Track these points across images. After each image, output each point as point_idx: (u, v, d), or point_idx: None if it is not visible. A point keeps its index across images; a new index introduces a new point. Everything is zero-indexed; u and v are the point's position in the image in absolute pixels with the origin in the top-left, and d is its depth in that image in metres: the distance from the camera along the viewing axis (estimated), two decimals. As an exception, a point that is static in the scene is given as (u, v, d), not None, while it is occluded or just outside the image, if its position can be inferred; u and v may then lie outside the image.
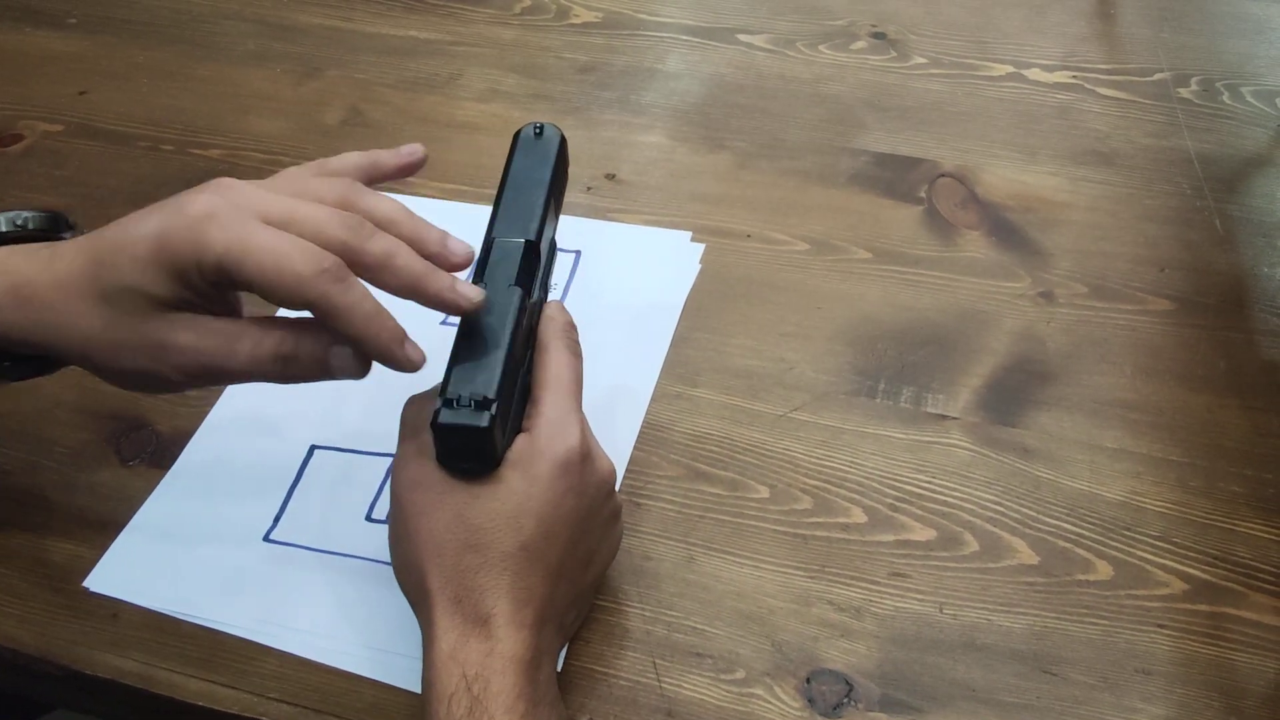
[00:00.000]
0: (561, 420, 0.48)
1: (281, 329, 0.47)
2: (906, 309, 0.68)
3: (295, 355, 0.47)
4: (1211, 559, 0.56)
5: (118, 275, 0.45)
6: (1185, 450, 0.60)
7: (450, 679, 0.44)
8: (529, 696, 0.44)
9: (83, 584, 0.55)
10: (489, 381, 0.45)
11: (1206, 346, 0.65)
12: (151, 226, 0.45)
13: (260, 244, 0.44)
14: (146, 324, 0.46)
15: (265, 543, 0.57)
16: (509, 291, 0.48)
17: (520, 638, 0.45)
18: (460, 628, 0.44)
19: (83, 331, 0.47)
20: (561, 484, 0.47)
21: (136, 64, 0.89)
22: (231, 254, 0.44)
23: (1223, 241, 0.72)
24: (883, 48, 0.89)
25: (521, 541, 0.45)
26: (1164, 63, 0.86)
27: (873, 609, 0.54)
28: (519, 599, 0.45)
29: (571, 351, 0.50)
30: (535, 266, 0.50)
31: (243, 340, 0.47)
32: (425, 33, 0.92)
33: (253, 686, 0.52)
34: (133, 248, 0.45)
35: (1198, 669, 0.52)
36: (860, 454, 0.60)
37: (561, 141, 0.53)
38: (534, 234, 0.50)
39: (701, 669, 0.52)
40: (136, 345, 0.46)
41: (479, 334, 0.47)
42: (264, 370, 0.47)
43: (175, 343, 0.46)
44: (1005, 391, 0.63)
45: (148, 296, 0.45)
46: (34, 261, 0.47)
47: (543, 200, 0.51)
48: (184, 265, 0.45)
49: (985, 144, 0.79)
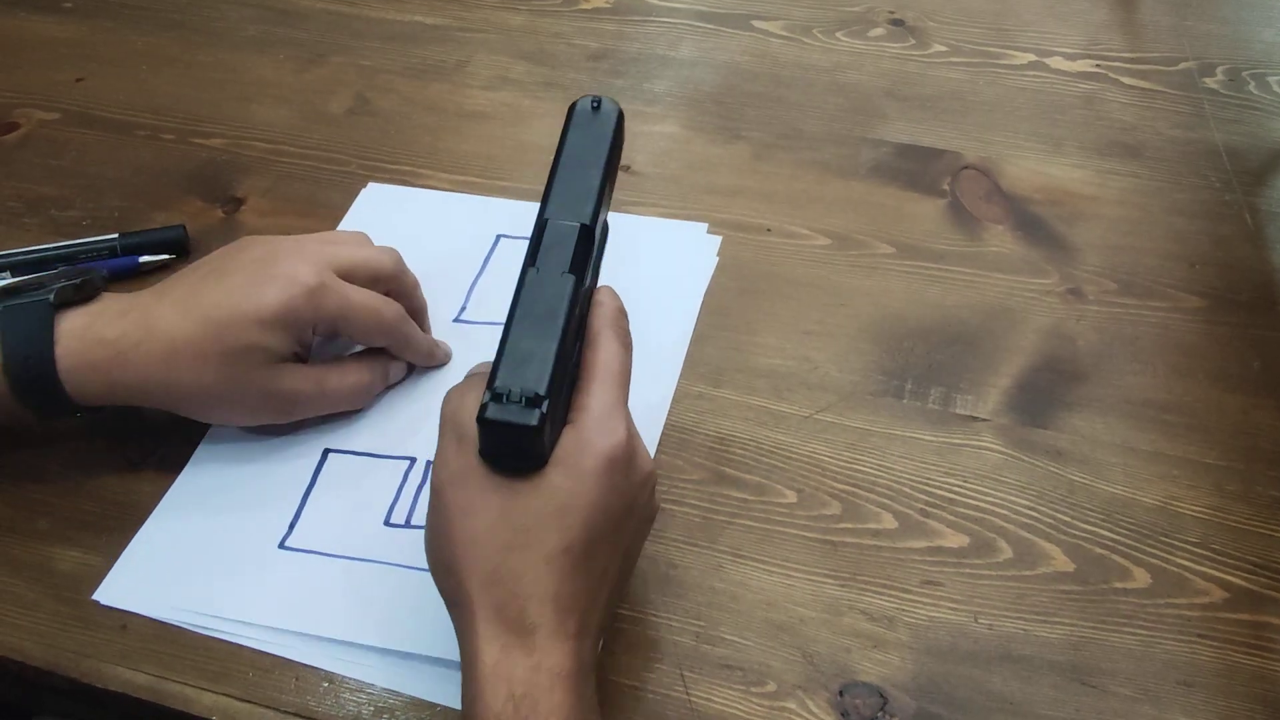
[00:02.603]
0: (608, 415, 0.46)
1: (351, 364, 0.60)
2: (932, 306, 0.66)
3: (368, 384, 0.60)
4: (1252, 566, 0.54)
5: (244, 337, 0.54)
6: (1221, 453, 0.59)
7: (496, 698, 0.42)
8: (578, 713, 0.43)
9: (92, 597, 0.54)
10: (540, 377, 0.43)
11: (1240, 345, 0.64)
12: (273, 296, 0.54)
13: (358, 303, 0.57)
14: (262, 376, 0.55)
15: (281, 550, 0.55)
16: (562, 279, 0.46)
17: (566, 650, 0.43)
18: (503, 638, 0.43)
19: (198, 385, 0.55)
20: (606, 482, 0.44)
21: (135, 50, 0.87)
22: (341, 314, 0.56)
23: (1253, 236, 0.70)
24: (901, 35, 0.87)
25: (566, 543, 0.43)
26: (1188, 51, 0.84)
27: (906, 618, 0.53)
28: (563, 607, 0.43)
29: (621, 342, 0.48)
30: (590, 251, 0.48)
31: (328, 379, 0.59)
32: (432, 18, 0.89)
33: (268, 700, 0.50)
34: (257, 314, 0.54)
35: (1240, 680, 0.51)
36: (889, 457, 0.59)
37: (619, 116, 0.50)
38: (589, 217, 0.47)
39: (731, 681, 0.51)
40: (249, 393, 0.56)
41: (530, 323, 0.44)
42: (345, 400, 0.60)
43: (283, 388, 0.57)
44: (1036, 392, 0.62)
45: (269, 352, 0.55)
46: (127, 326, 0.54)
47: (599, 180, 0.48)
48: (303, 326, 0.56)
49: (1008, 135, 0.78)
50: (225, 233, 0.72)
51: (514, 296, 0.45)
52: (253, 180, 0.76)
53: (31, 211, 0.74)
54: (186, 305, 0.54)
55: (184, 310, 0.54)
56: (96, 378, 0.54)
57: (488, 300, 0.67)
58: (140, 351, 0.54)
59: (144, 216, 0.73)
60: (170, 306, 0.55)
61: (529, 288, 0.45)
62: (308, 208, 0.74)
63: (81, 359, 0.53)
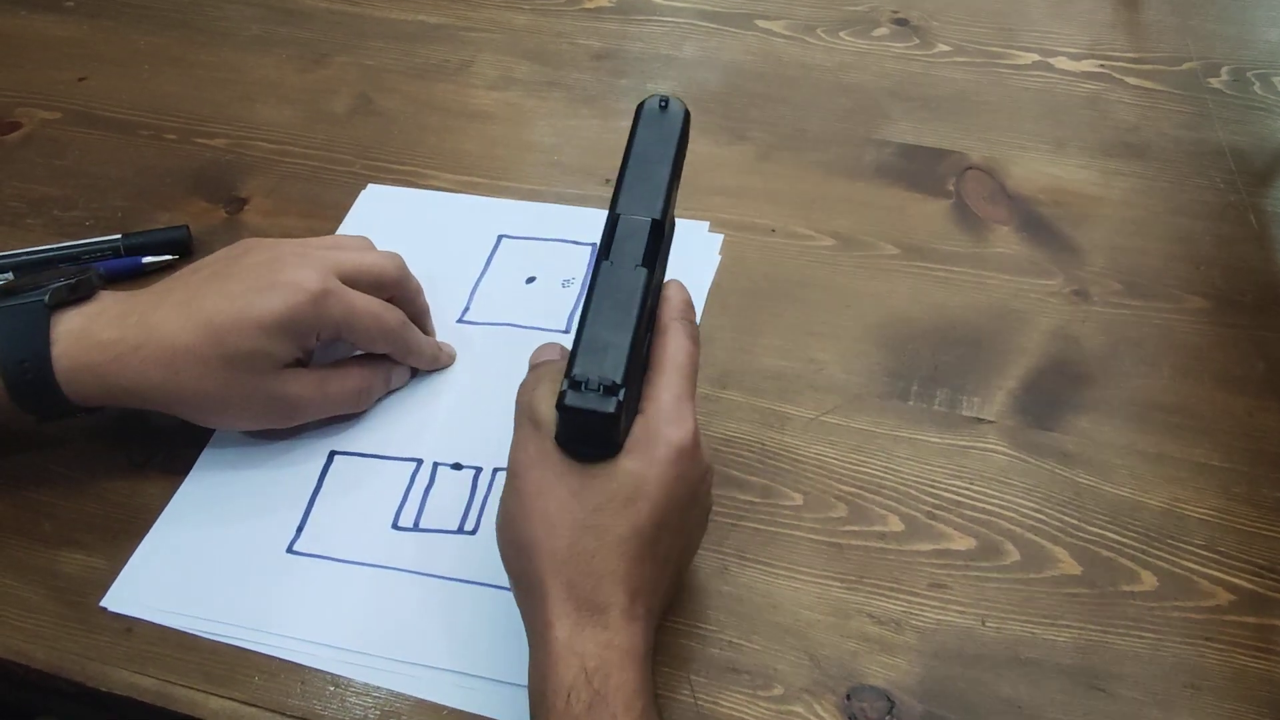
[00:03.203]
0: (677, 406, 0.47)
1: (353, 367, 0.60)
2: (937, 307, 0.66)
3: (369, 388, 0.60)
4: (1259, 569, 0.54)
5: (246, 343, 0.53)
6: (1227, 455, 0.59)
7: (569, 670, 0.43)
8: (647, 692, 0.44)
9: (99, 604, 0.54)
10: (616, 366, 0.45)
11: (1245, 347, 0.64)
12: (277, 303, 0.54)
13: (362, 310, 0.57)
14: (264, 381, 0.55)
15: (289, 554, 0.55)
16: (636, 273, 0.47)
17: (635, 629, 0.44)
18: (575, 615, 0.44)
19: (199, 390, 0.54)
20: (674, 470, 0.46)
21: (138, 49, 0.87)
22: (345, 321, 0.56)
23: (1258, 237, 0.70)
24: (905, 35, 0.86)
25: (636, 526, 0.45)
26: (1193, 51, 0.84)
27: (913, 622, 0.53)
28: (632, 588, 0.45)
29: (689, 336, 0.50)
30: (660, 246, 0.49)
31: (330, 383, 0.58)
32: (435, 17, 0.89)
33: (275, 704, 0.50)
34: (259, 320, 0.53)
35: (1247, 683, 0.51)
36: (895, 459, 0.59)
37: (686, 116, 0.51)
38: (660, 212, 0.49)
39: (738, 685, 0.51)
40: (252, 398, 0.55)
41: (605, 314, 0.46)
42: (346, 404, 0.59)
43: (285, 393, 0.56)
44: (1042, 393, 0.62)
45: (272, 358, 0.55)
46: (126, 329, 0.53)
47: (667, 177, 0.50)
48: (307, 332, 0.55)
49: (1013, 135, 0.77)
50: (228, 233, 0.72)
51: (588, 289, 0.47)
52: (256, 180, 0.76)
53: (34, 212, 0.74)
54: (188, 309, 0.54)
55: (185, 314, 0.53)
56: (94, 380, 0.53)
57: (490, 301, 0.67)
58: (140, 355, 0.53)
59: (147, 217, 0.73)
60: (171, 310, 0.54)
61: (603, 280, 0.47)
62: (311, 208, 0.73)
63: (79, 361, 0.53)
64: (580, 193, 0.74)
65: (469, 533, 0.55)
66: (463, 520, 0.56)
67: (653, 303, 0.50)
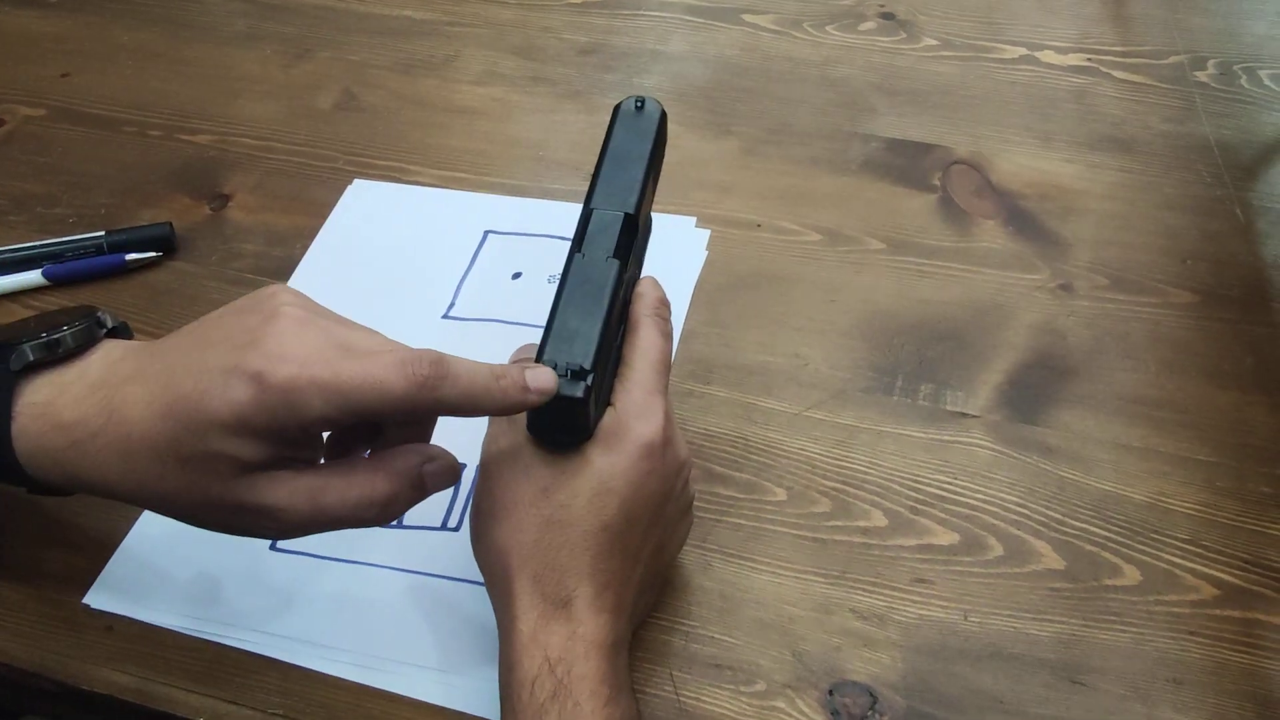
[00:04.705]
0: (646, 401, 0.47)
1: (364, 471, 0.44)
2: (922, 302, 0.66)
3: (392, 496, 0.44)
4: (1242, 563, 0.54)
5: (203, 443, 0.42)
6: (1212, 449, 0.59)
7: (533, 662, 0.43)
8: (612, 682, 0.44)
9: (82, 601, 0.53)
10: (585, 352, 0.45)
11: (1231, 341, 0.64)
12: (237, 396, 0.41)
13: (351, 380, 0.41)
14: (235, 486, 0.43)
15: (271, 551, 0.54)
16: (607, 264, 0.48)
17: (601, 621, 0.44)
18: (540, 608, 0.44)
19: (159, 490, 0.43)
20: (644, 465, 0.46)
21: (121, 45, 0.86)
22: (332, 405, 0.41)
23: (1244, 231, 0.70)
24: (892, 29, 0.86)
25: (604, 521, 0.45)
26: (1179, 45, 0.84)
27: (896, 617, 0.53)
28: (600, 582, 0.45)
29: (661, 332, 0.50)
30: (633, 240, 0.50)
31: (328, 492, 0.43)
32: (420, 12, 0.89)
33: (256, 702, 0.50)
34: (218, 415, 0.41)
35: (1230, 678, 0.50)
36: (879, 454, 0.59)
37: (662, 116, 0.53)
38: (633, 207, 0.49)
39: (720, 681, 0.51)
40: (222, 506, 0.43)
41: (576, 302, 0.47)
42: (352, 520, 0.44)
43: (260, 503, 0.43)
44: (1026, 388, 0.61)
45: (237, 462, 0.42)
46: (88, 409, 0.44)
47: (642, 174, 0.50)
48: (282, 429, 0.42)
49: (999, 129, 0.77)
50: (212, 229, 0.71)
51: (561, 279, 0.47)
52: (240, 177, 0.75)
53: (17, 209, 0.74)
54: (159, 385, 0.43)
55: (151, 394, 0.43)
56: (55, 469, 0.45)
57: (476, 297, 0.67)
58: (97, 443, 0.44)
59: (130, 213, 0.73)
60: (141, 386, 0.44)
61: (575, 271, 0.47)
62: (296, 204, 0.73)
63: (38, 444, 0.45)
64: (566, 188, 0.73)
65: (451, 529, 0.55)
66: (445, 517, 0.56)
67: (626, 297, 0.50)
